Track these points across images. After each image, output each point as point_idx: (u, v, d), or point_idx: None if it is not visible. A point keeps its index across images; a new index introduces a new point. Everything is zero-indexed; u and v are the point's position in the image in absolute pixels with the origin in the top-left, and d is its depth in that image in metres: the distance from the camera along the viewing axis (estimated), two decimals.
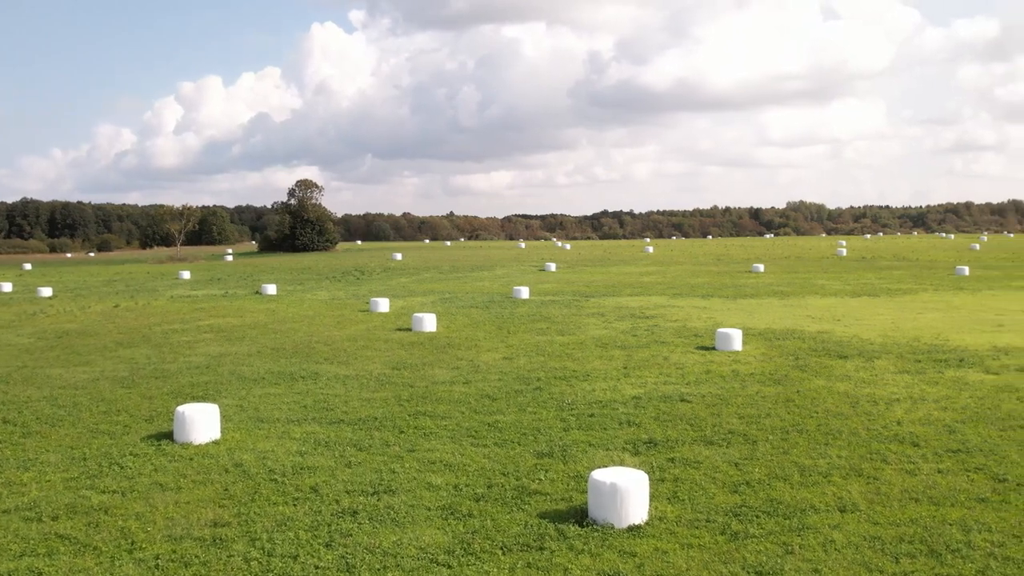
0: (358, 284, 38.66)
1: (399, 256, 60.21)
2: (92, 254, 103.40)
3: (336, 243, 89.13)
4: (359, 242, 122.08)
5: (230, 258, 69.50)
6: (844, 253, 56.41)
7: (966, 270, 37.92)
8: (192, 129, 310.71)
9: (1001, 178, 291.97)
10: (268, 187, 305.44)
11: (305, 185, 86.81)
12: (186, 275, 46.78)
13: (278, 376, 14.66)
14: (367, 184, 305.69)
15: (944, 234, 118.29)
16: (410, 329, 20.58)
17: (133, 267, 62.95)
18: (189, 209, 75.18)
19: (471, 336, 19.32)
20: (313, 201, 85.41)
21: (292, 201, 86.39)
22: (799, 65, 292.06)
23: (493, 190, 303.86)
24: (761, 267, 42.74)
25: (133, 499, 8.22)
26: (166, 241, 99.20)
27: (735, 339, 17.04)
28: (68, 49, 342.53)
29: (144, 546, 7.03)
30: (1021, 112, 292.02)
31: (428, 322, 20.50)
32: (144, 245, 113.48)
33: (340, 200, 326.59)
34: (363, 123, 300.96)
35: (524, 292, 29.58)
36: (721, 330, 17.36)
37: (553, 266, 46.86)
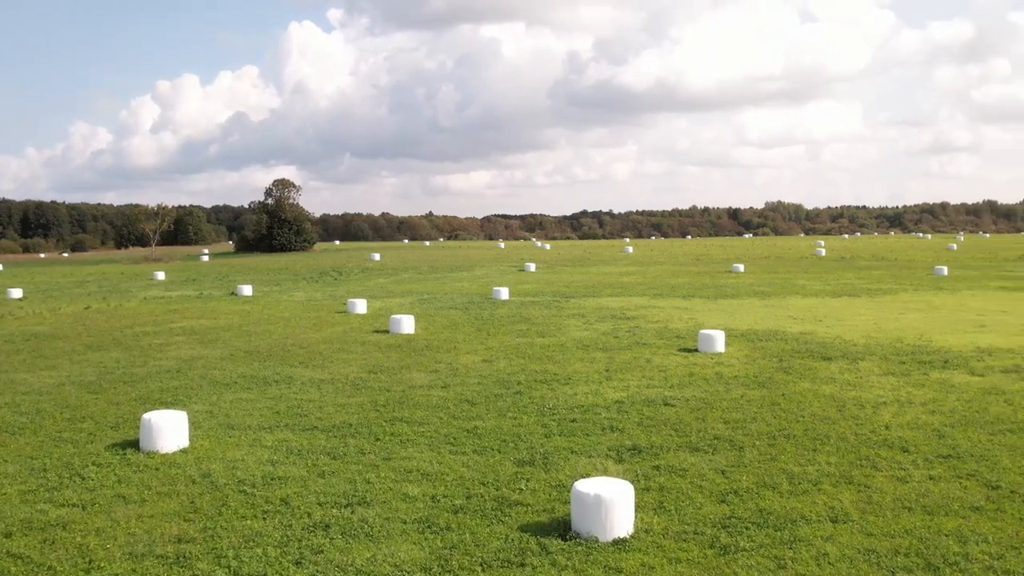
0: (335, 285, 38.18)
1: (377, 256, 59.62)
2: (66, 254, 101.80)
3: (314, 243, 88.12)
4: (337, 242, 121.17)
5: (206, 258, 68.47)
6: (823, 253, 56.59)
7: (944, 270, 38.07)
8: (169, 128, 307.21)
9: (975, 179, 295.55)
10: (246, 187, 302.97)
11: (282, 184, 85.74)
12: (161, 276, 46.04)
13: (251, 380, 14.23)
14: (345, 184, 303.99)
15: (921, 234, 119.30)
16: (387, 331, 20.20)
17: (107, 267, 61.96)
18: (164, 209, 73.84)
19: (450, 338, 18.97)
20: (290, 201, 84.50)
21: (269, 201, 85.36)
22: (777, 67, 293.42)
23: (473, 190, 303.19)
24: (741, 267, 42.71)
25: (93, 513, 7.81)
26: (141, 241, 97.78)
27: (718, 341, 16.82)
28: (43, 47, 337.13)
29: (103, 565, 6.64)
30: (995, 114, 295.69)
31: (406, 324, 20.13)
32: (119, 245, 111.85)
33: (319, 200, 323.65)
34: (341, 122, 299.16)
35: (504, 293, 29.26)
36: (704, 331, 17.13)
37: (533, 266, 46.59)
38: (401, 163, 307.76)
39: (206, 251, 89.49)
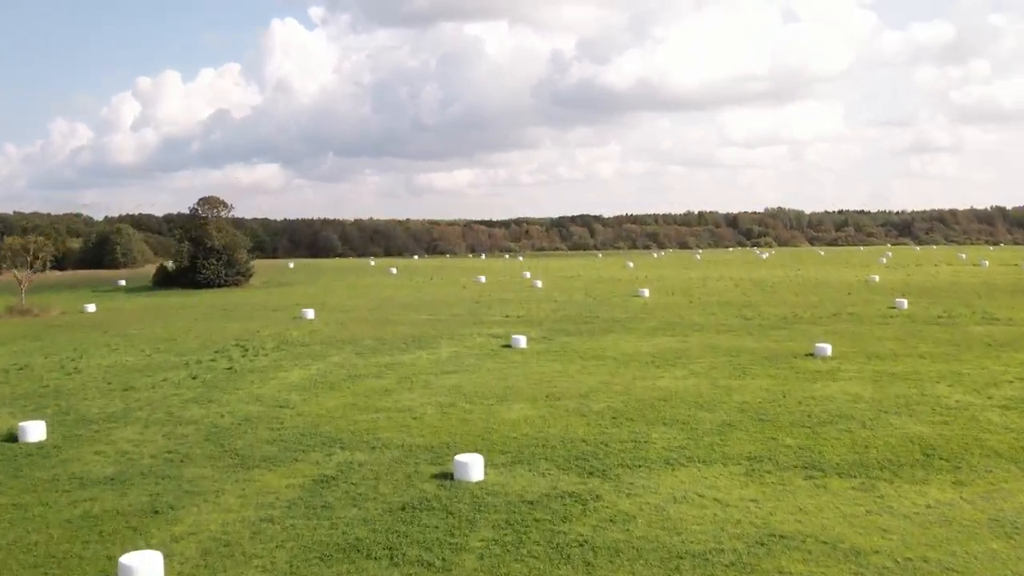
0: (215, 391, 24.10)
1: (311, 315, 44.04)
2: None
3: (251, 275, 70.38)
4: (291, 264, 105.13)
5: (93, 308, 52.14)
6: (905, 306, 42.51)
7: None
8: (151, 125, 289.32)
9: (956, 179, 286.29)
10: (228, 185, 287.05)
11: (210, 204, 69.47)
12: None
13: None
14: (329, 182, 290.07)
15: (963, 254, 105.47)
16: None
17: None
18: (37, 242, 55.73)
19: None
20: (220, 225, 68.64)
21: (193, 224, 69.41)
22: (760, 67, 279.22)
23: (456, 189, 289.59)
24: (828, 348, 29.01)
25: None
26: (59, 264, 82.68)
27: None
28: (22, 43, 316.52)
29: None
30: (975, 115, 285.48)
31: None
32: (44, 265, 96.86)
33: (301, 198, 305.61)
34: (324, 120, 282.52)
35: (475, 466, 15.66)
36: None
37: (523, 341, 32.56)
38: (385, 161, 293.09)
39: (122, 281, 74.43)
